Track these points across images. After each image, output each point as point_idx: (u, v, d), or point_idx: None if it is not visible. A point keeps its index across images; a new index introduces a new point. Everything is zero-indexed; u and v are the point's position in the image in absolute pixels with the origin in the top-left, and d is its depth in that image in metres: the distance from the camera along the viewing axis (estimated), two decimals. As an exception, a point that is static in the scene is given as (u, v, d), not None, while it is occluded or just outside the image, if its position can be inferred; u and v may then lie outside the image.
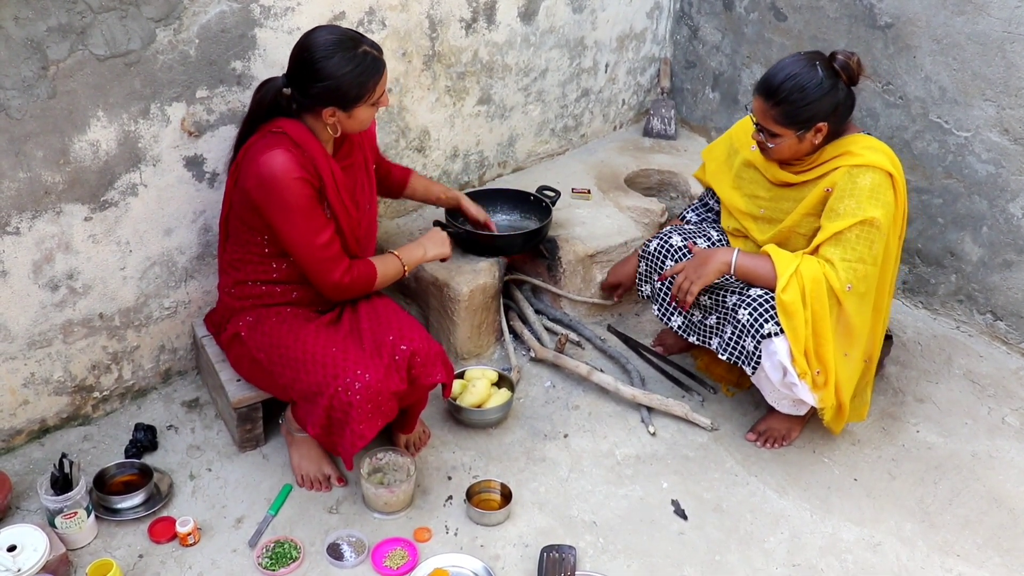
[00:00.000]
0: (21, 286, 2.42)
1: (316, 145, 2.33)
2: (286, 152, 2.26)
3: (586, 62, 3.67)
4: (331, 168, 2.36)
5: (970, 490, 2.63)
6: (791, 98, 2.40)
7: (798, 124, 2.43)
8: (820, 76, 2.39)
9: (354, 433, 2.26)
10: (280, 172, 2.25)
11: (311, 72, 2.23)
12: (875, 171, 2.44)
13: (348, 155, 2.49)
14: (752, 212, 2.71)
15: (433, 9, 3.00)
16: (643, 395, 2.85)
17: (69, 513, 2.28)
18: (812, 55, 2.45)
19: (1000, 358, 3.17)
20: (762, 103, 2.45)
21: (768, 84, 2.44)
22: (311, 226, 2.31)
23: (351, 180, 2.48)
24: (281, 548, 2.34)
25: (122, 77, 2.36)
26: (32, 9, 2.14)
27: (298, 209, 2.28)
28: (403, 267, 2.56)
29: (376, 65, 2.28)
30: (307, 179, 2.28)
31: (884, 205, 2.42)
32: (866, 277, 2.44)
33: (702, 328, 2.73)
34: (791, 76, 2.40)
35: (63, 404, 2.66)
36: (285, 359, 2.36)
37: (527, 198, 3.25)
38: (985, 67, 2.94)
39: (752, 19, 3.64)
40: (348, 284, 2.40)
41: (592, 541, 2.43)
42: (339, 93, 2.25)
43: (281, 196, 2.26)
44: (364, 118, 2.34)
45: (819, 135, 2.46)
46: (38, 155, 2.30)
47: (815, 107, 2.40)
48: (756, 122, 2.51)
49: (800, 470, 2.68)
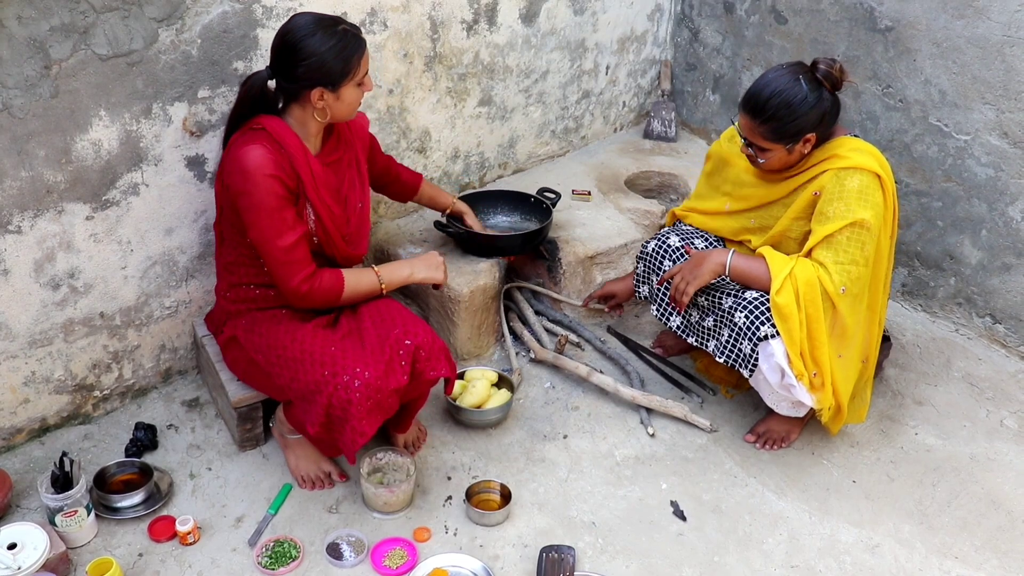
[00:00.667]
0: (22, 285, 2.43)
1: (295, 142, 2.31)
2: (262, 148, 2.24)
3: (587, 64, 3.67)
4: (310, 166, 2.33)
5: (968, 492, 2.64)
6: (778, 115, 2.41)
7: (787, 139, 2.45)
8: (805, 90, 2.39)
9: (354, 430, 2.25)
10: (252, 167, 2.23)
11: (294, 53, 2.21)
12: (862, 173, 2.44)
13: (334, 151, 2.46)
14: (744, 225, 2.72)
15: (435, 10, 3.01)
16: (643, 396, 2.86)
17: (69, 511, 2.29)
18: (794, 67, 2.45)
19: (999, 361, 3.17)
20: (749, 121, 2.47)
21: (754, 103, 2.44)
22: (275, 226, 2.27)
23: (336, 178, 2.46)
24: (281, 547, 2.34)
25: (124, 77, 2.36)
26: (35, 8, 2.15)
27: (263, 207, 2.25)
28: (381, 284, 2.47)
29: (357, 41, 2.26)
30: (279, 177, 2.25)
31: (873, 206, 2.43)
32: (859, 279, 2.45)
33: (700, 329, 2.74)
34: (776, 93, 2.40)
35: (64, 403, 2.66)
36: (283, 359, 2.35)
37: (527, 200, 3.25)
38: (985, 71, 2.94)
39: (753, 22, 3.64)
40: (306, 292, 2.34)
41: (591, 542, 2.44)
42: (324, 69, 2.22)
43: (250, 192, 2.25)
44: (351, 100, 2.31)
45: (808, 145, 2.47)
46: (40, 154, 2.31)
47: (802, 121, 2.42)
48: (744, 137, 2.52)
49: (799, 472, 2.69)
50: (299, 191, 2.33)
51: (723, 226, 2.78)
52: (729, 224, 2.76)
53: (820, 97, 2.41)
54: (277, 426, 2.60)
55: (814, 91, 2.40)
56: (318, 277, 2.36)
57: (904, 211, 3.30)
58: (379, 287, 2.46)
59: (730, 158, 2.74)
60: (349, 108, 2.33)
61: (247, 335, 2.44)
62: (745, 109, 2.47)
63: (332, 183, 2.43)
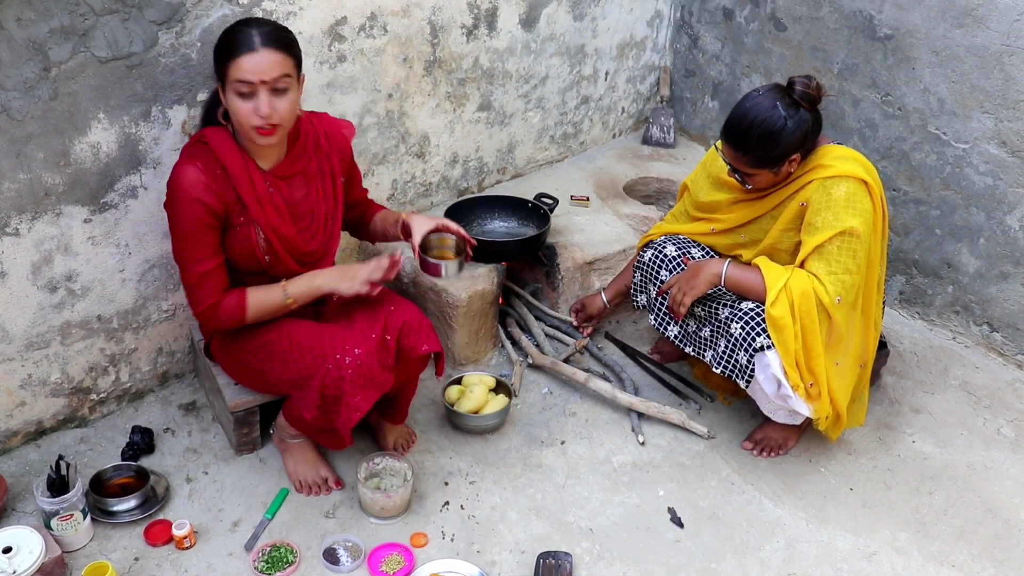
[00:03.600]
0: (20, 287, 2.42)
1: (236, 158, 2.20)
2: (195, 169, 2.16)
3: (586, 70, 3.68)
4: (253, 183, 2.24)
5: (965, 501, 2.64)
6: (760, 145, 2.42)
7: (772, 164, 2.46)
8: (783, 117, 2.39)
9: (349, 407, 2.25)
10: (180, 187, 2.17)
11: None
12: (849, 180, 2.45)
13: (294, 163, 2.32)
14: (735, 241, 2.73)
15: (435, 15, 3.01)
16: (640, 403, 2.85)
17: (65, 515, 2.28)
18: (770, 92, 2.44)
19: (996, 369, 3.18)
20: (731, 152, 2.48)
21: (734, 134, 2.44)
22: (192, 249, 2.22)
23: (293, 191, 2.34)
24: (277, 552, 2.33)
25: (123, 79, 2.36)
26: (35, 11, 2.15)
27: (184, 229, 2.20)
28: (288, 299, 2.30)
29: (245, 39, 2.06)
30: (204, 202, 2.17)
31: (862, 213, 2.43)
32: (853, 287, 2.46)
33: (697, 339, 2.74)
34: (756, 124, 2.40)
35: (60, 406, 2.65)
36: (272, 354, 2.34)
37: (525, 205, 3.26)
38: (984, 79, 2.95)
39: (752, 29, 3.65)
40: (209, 317, 2.29)
41: (588, 548, 2.43)
42: (214, 60, 2.11)
43: (174, 212, 2.21)
44: (235, 107, 2.11)
45: (793, 164, 2.49)
46: (39, 156, 2.31)
47: (785, 146, 2.42)
48: (728, 163, 2.53)
49: (796, 479, 2.69)
50: (234, 213, 2.24)
51: (715, 243, 2.79)
52: (721, 241, 2.77)
53: (800, 119, 2.41)
54: (277, 431, 2.60)
55: (793, 115, 2.40)
56: (221, 305, 2.28)
57: (902, 219, 3.30)
58: (285, 302, 2.31)
59: (709, 180, 2.77)
60: (235, 116, 2.14)
61: (234, 338, 2.43)
62: (728, 140, 2.48)
63: (286, 197, 2.32)
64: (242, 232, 2.28)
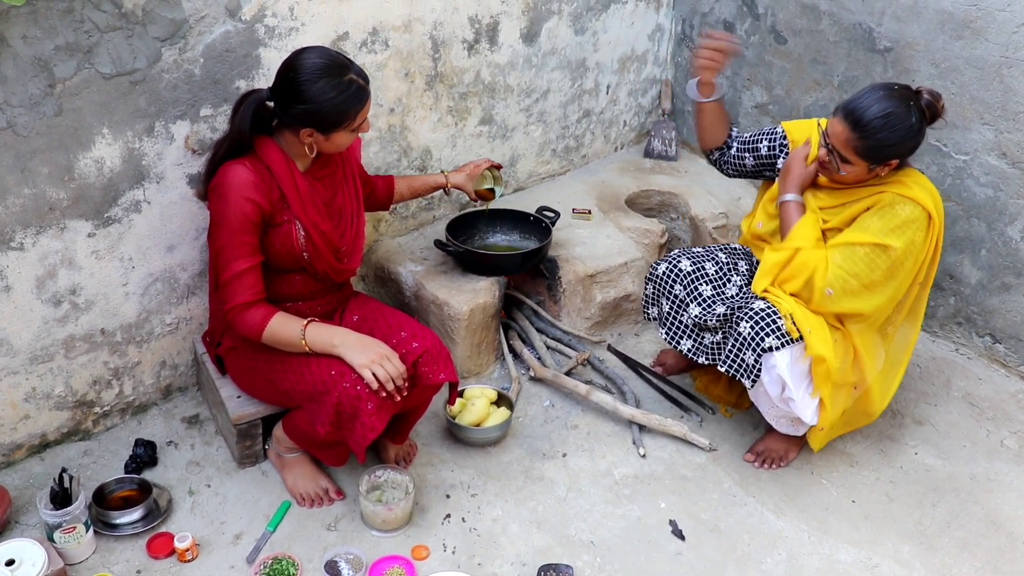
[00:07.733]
0: (24, 301, 2.44)
1: (281, 160, 2.33)
2: (245, 169, 2.28)
3: (588, 83, 3.69)
4: (296, 181, 2.35)
5: (968, 513, 2.63)
6: (879, 135, 2.34)
7: (877, 159, 2.40)
8: (913, 120, 2.34)
9: (365, 426, 2.26)
10: (233, 185, 2.26)
11: (294, 93, 2.23)
12: (916, 206, 2.44)
13: (326, 166, 2.48)
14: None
15: (436, 30, 3.03)
16: (642, 415, 2.86)
17: (68, 528, 2.29)
18: (905, 92, 2.38)
19: (999, 381, 3.17)
20: (847, 131, 2.37)
21: (858, 116, 2.35)
22: (234, 247, 2.28)
23: (328, 191, 2.48)
24: (279, 565, 2.34)
25: (127, 95, 2.38)
26: (40, 28, 2.17)
27: (230, 225, 2.27)
28: (303, 340, 2.31)
29: (360, 95, 2.28)
30: (255, 201, 2.28)
31: (909, 240, 2.43)
32: (850, 291, 2.46)
33: (712, 347, 2.71)
34: (886, 115, 2.33)
35: (64, 419, 2.67)
36: (287, 363, 2.36)
37: (527, 218, 3.27)
38: (983, 91, 2.96)
39: (753, 42, 3.66)
40: (232, 319, 2.33)
41: (589, 560, 2.43)
42: (319, 117, 2.25)
43: (221, 207, 2.28)
44: (342, 142, 2.35)
45: (887, 169, 2.45)
46: (43, 171, 2.33)
47: (899, 148, 2.38)
48: (829, 143, 2.44)
49: (798, 491, 2.68)
50: (278, 211, 2.34)
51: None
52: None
53: (922, 128, 2.37)
54: (274, 446, 2.61)
55: (919, 121, 2.36)
56: (249, 311, 2.32)
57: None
58: (300, 341, 2.32)
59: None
60: (337, 148, 2.37)
61: (249, 342, 2.44)
62: (846, 119, 2.38)
63: (323, 196, 2.45)
64: (283, 230, 2.37)
